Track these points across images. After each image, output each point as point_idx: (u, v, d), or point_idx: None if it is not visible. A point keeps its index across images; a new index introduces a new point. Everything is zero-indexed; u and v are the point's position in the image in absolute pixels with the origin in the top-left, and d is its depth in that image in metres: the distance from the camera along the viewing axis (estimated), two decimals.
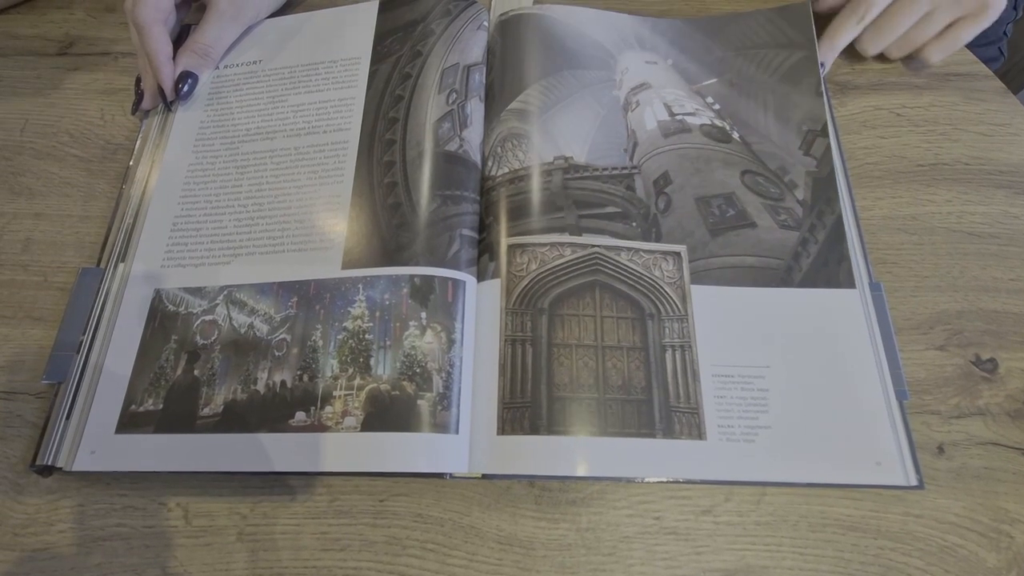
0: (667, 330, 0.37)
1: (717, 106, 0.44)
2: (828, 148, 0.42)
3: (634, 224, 0.39)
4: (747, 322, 0.37)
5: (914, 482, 0.32)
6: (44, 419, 0.35)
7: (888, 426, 0.34)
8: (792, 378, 0.35)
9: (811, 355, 0.36)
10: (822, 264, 0.38)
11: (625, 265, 0.38)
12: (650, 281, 0.38)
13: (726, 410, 0.35)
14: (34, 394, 0.37)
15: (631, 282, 0.38)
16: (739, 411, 0.35)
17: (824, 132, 0.42)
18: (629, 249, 0.39)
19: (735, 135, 0.43)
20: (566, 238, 0.38)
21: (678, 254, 0.39)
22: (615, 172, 0.41)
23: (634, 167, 0.41)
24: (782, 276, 0.38)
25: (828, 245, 0.39)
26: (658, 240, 0.39)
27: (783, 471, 0.33)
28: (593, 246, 0.38)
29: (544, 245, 0.38)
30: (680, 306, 0.37)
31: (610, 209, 0.40)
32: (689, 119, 0.44)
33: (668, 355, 0.36)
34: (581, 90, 0.44)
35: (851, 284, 0.38)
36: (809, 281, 0.38)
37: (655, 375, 0.35)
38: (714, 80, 0.45)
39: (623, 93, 0.44)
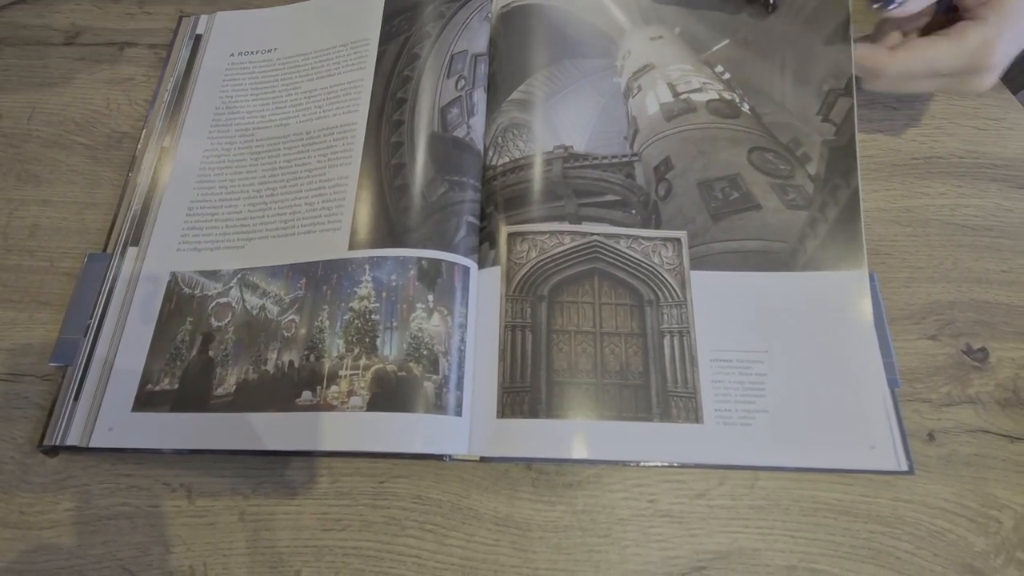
0: (666, 316, 0.37)
1: (727, 75, 0.43)
2: (851, 110, 0.40)
3: (634, 212, 0.39)
4: (747, 307, 0.37)
5: (904, 468, 0.33)
6: (51, 401, 0.36)
7: (883, 410, 0.34)
8: (790, 362, 0.35)
9: (810, 339, 0.36)
10: (829, 245, 0.38)
11: (624, 252, 0.38)
12: (649, 268, 0.38)
13: (724, 394, 0.35)
14: (40, 376, 0.37)
15: (630, 269, 0.38)
16: (737, 395, 0.35)
17: (848, 90, 0.40)
18: (628, 236, 0.39)
19: (745, 107, 0.42)
20: (565, 226, 0.39)
21: (678, 240, 0.38)
22: (615, 160, 0.41)
23: (634, 155, 0.41)
24: (785, 259, 0.38)
25: (839, 225, 0.38)
26: (658, 227, 0.39)
27: (779, 455, 0.34)
28: (592, 234, 0.39)
29: (544, 233, 0.38)
30: (679, 292, 0.37)
31: (609, 197, 0.40)
32: (694, 96, 0.43)
33: (666, 341, 0.36)
34: (581, 80, 0.44)
35: (858, 264, 0.37)
36: (814, 264, 0.37)
37: (653, 360, 0.36)
38: (726, 42, 0.44)
39: (624, 80, 0.44)
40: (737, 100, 0.42)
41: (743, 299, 0.37)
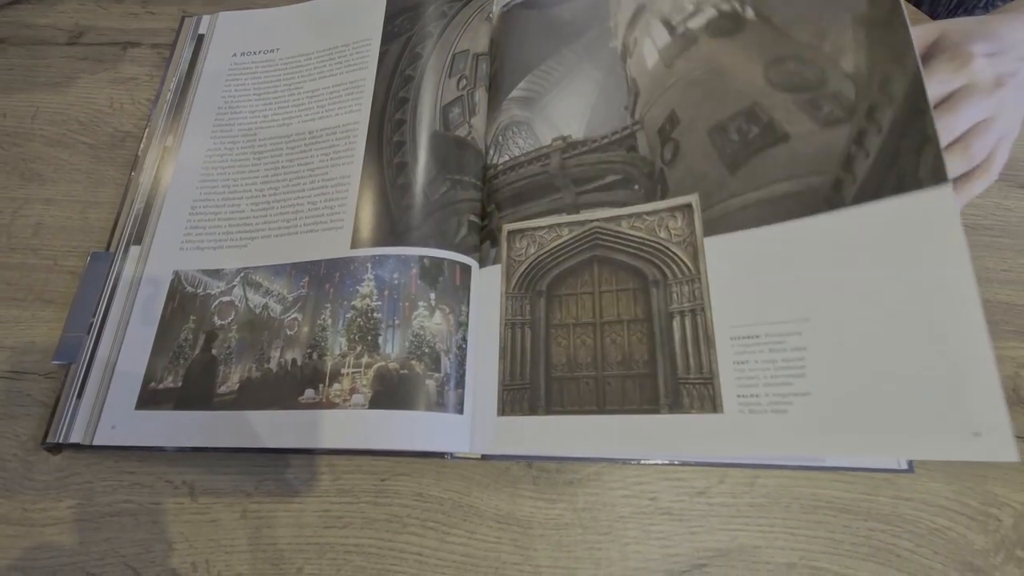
0: (675, 295, 0.33)
1: None
2: None
3: (637, 187, 0.36)
4: (777, 268, 0.30)
5: (905, 466, 0.33)
6: (54, 398, 0.36)
7: (992, 383, 0.25)
8: (840, 330, 0.28)
9: (869, 296, 0.28)
10: (889, 161, 0.29)
11: (626, 234, 0.35)
12: (654, 245, 0.34)
13: (749, 377, 0.30)
14: (43, 374, 0.38)
15: (632, 250, 0.35)
16: (766, 377, 0.29)
17: None
18: (630, 215, 0.36)
19: (749, 13, 0.36)
20: (563, 218, 0.38)
21: (688, 206, 0.34)
22: (615, 137, 0.38)
23: (635, 123, 0.38)
24: (827, 196, 0.30)
25: (898, 130, 0.29)
26: (664, 196, 0.35)
27: (827, 447, 0.28)
28: (591, 221, 0.37)
29: (542, 228, 0.38)
30: (690, 266, 0.33)
31: (610, 178, 0.37)
32: (692, 23, 0.38)
33: (676, 322, 0.33)
34: (580, 63, 0.42)
35: (940, 178, 0.27)
36: (870, 192, 0.29)
37: (660, 346, 0.32)
38: None
39: (620, 39, 0.41)
40: (739, 8, 0.36)
41: (771, 259, 0.31)
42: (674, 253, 0.34)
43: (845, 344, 0.28)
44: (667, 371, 0.32)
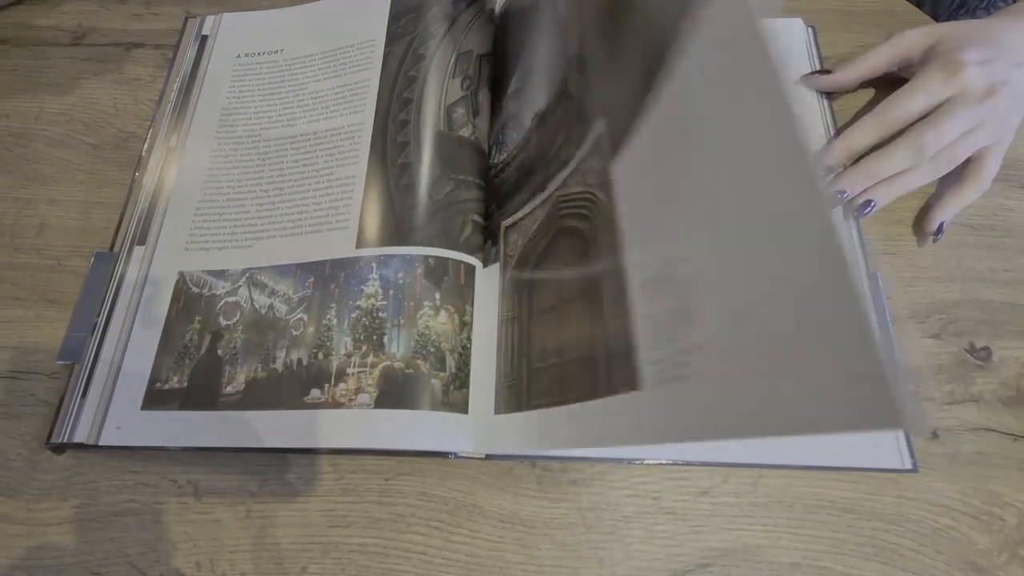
0: (603, 249, 0.27)
1: None
2: None
3: (572, 135, 0.31)
4: (659, 174, 0.23)
5: (908, 466, 0.33)
6: (59, 398, 0.36)
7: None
8: (717, 243, 0.19)
9: (728, 178, 0.18)
10: None
11: (574, 194, 0.31)
12: (587, 197, 0.29)
13: (655, 335, 0.22)
14: (47, 374, 0.38)
15: (579, 211, 0.30)
16: (666, 329, 0.21)
17: None
18: (572, 172, 0.31)
19: None
20: (537, 200, 0.36)
21: (600, 136, 0.28)
22: (556, 90, 0.35)
23: (567, 63, 0.34)
24: (671, 36, 0.21)
25: None
26: (587, 134, 0.29)
27: (730, 427, 0.18)
28: (553, 193, 0.33)
29: (526, 217, 0.37)
30: (608, 208, 0.27)
31: (560, 138, 0.34)
32: None
33: (605, 284, 0.26)
34: (542, 27, 0.40)
35: None
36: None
37: (596, 317, 0.27)
38: None
39: None
40: None
41: (655, 164, 0.23)
42: (599, 199, 0.27)
43: (726, 264, 0.18)
44: (603, 346, 0.26)
